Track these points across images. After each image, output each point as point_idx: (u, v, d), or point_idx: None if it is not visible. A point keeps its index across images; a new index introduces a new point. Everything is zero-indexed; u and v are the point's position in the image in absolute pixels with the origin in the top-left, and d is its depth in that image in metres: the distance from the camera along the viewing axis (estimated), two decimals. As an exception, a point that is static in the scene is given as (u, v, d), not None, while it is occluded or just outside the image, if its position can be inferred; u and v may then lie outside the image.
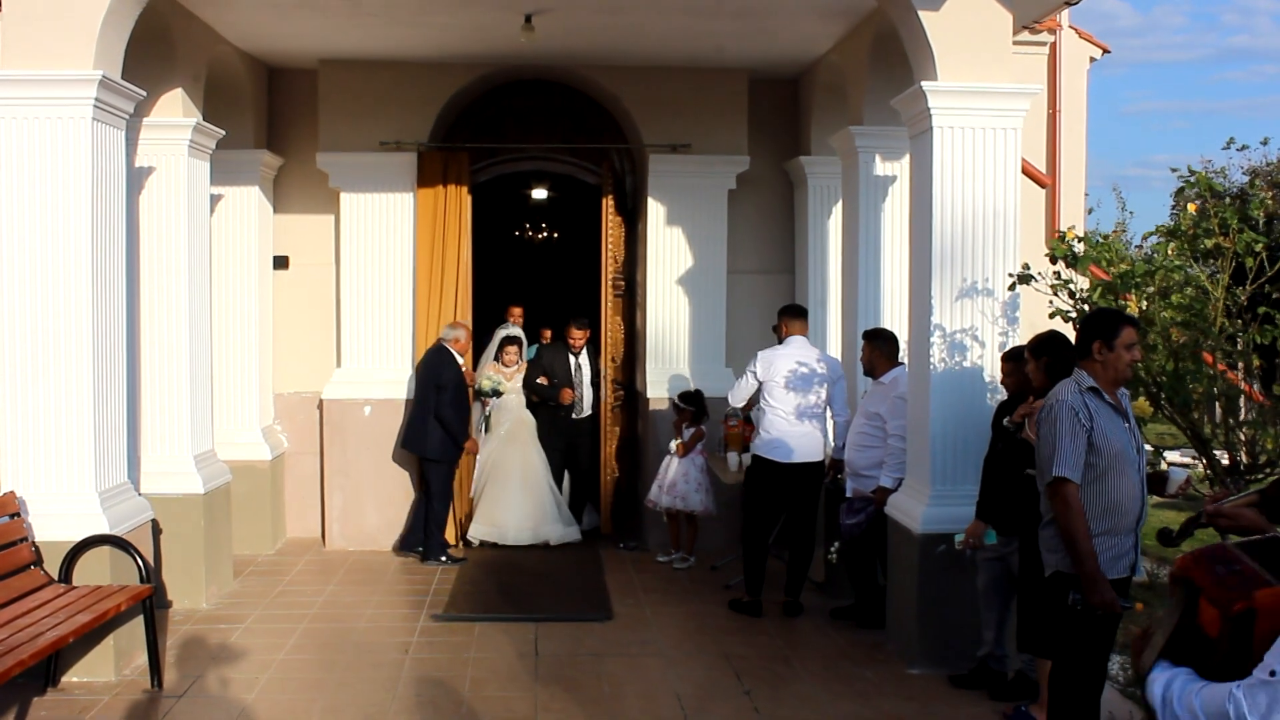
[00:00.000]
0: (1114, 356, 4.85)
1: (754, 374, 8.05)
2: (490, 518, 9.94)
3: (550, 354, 10.58)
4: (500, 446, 10.18)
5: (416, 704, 6.25)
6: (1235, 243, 5.67)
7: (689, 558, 9.47)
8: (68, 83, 6.41)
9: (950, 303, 6.83)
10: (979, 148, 6.83)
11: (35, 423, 6.50)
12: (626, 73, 9.99)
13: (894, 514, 7.19)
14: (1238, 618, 2.47)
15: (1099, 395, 4.85)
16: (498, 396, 10.29)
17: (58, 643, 5.57)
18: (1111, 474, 4.82)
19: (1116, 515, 4.85)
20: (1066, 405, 4.81)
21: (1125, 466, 4.84)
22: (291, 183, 10.21)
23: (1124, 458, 4.84)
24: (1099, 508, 4.83)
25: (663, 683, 6.62)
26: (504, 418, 10.31)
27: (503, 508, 9.95)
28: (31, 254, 6.47)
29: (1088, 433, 4.78)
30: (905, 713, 6.17)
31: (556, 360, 10.45)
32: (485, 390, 10.25)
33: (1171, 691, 2.51)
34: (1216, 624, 2.53)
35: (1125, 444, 4.86)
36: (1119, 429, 4.87)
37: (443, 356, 9.49)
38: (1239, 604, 2.47)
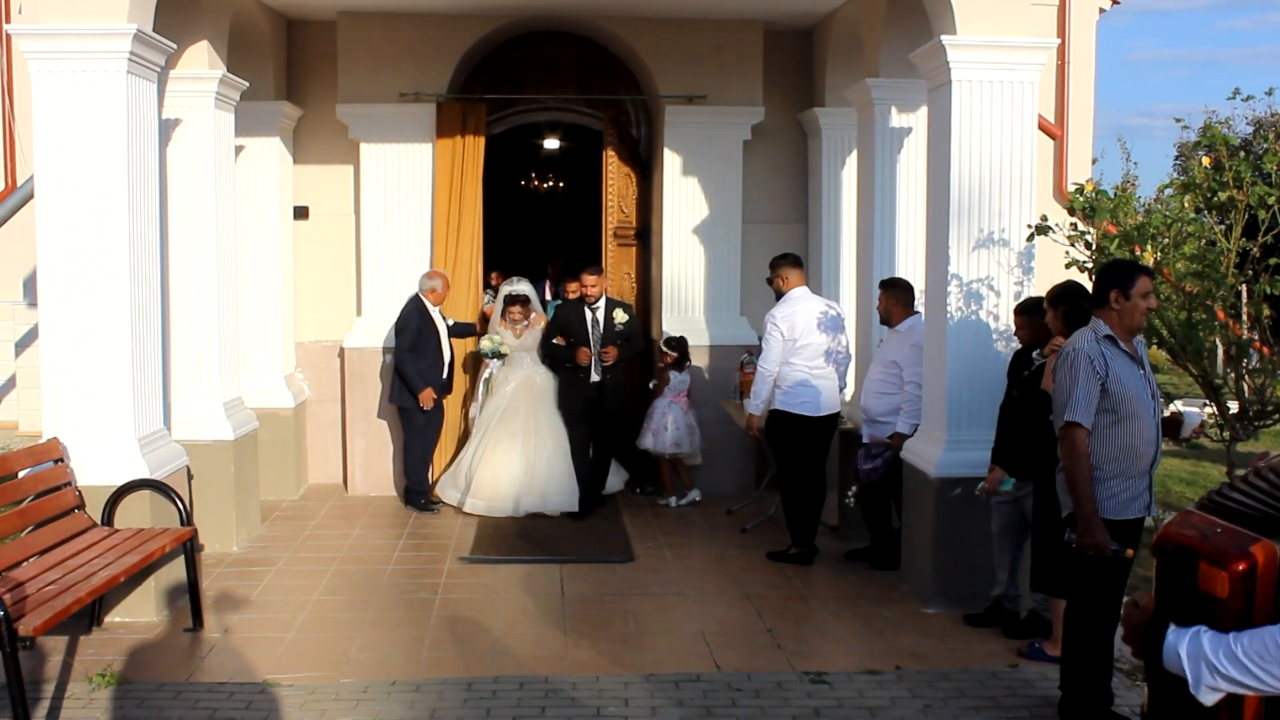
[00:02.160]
0: (1130, 305, 5.02)
1: (780, 334, 7.97)
2: (488, 489, 9.29)
3: (566, 310, 9.73)
4: (503, 410, 9.59)
5: (451, 640, 6.47)
6: (1249, 195, 5.81)
7: (687, 493, 9.85)
8: (103, 35, 6.52)
9: (967, 253, 6.97)
10: (997, 101, 6.95)
11: (76, 371, 6.67)
12: (642, 24, 10.08)
13: (910, 459, 7.39)
14: (1244, 574, 2.60)
15: (1115, 343, 5.04)
16: (499, 359, 9.78)
17: (110, 582, 5.77)
18: (1127, 419, 5.01)
19: (1131, 459, 5.04)
20: (1082, 353, 5.00)
21: (1141, 412, 5.03)
22: (311, 133, 10.32)
23: (1139, 403, 5.03)
24: (1115, 451, 5.03)
25: (686, 621, 6.85)
26: (509, 377, 9.75)
27: (503, 478, 9.30)
28: (70, 206, 6.61)
29: (1102, 380, 4.98)
30: (923, 649, 6.38)
31: (573, 317, 9.57)
32: (485, 351, 9.75)
33: (1201, 647, 2.55)
34: (1224, 584, 2.62)
35: (1140, 390, 5.04)
36: (1134, 376, 5.05)
37: (412, 305, 9.48)
38: (1241, 562, 2.61)
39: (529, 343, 9.73)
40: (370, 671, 5.98)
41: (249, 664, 6.09)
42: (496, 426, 9.48)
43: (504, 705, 5.51)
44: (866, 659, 6.21)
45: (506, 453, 9.34)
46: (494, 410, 9.59)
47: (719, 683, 5.84)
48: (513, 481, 9.27)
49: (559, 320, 9.62)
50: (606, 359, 9.33)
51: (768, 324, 8.08)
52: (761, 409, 8.12)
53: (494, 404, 9.63)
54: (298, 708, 5.49)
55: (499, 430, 9.46)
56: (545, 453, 9.40)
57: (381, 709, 5.48)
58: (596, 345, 9.37)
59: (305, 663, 6.11)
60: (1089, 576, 5.15)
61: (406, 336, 9.30)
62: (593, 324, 9.44)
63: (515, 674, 5.92)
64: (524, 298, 9.87)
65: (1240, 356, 6.01)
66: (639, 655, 6.26)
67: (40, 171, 6.64)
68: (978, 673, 6.02)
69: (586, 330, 9.41)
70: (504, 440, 9.40)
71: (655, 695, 5.66)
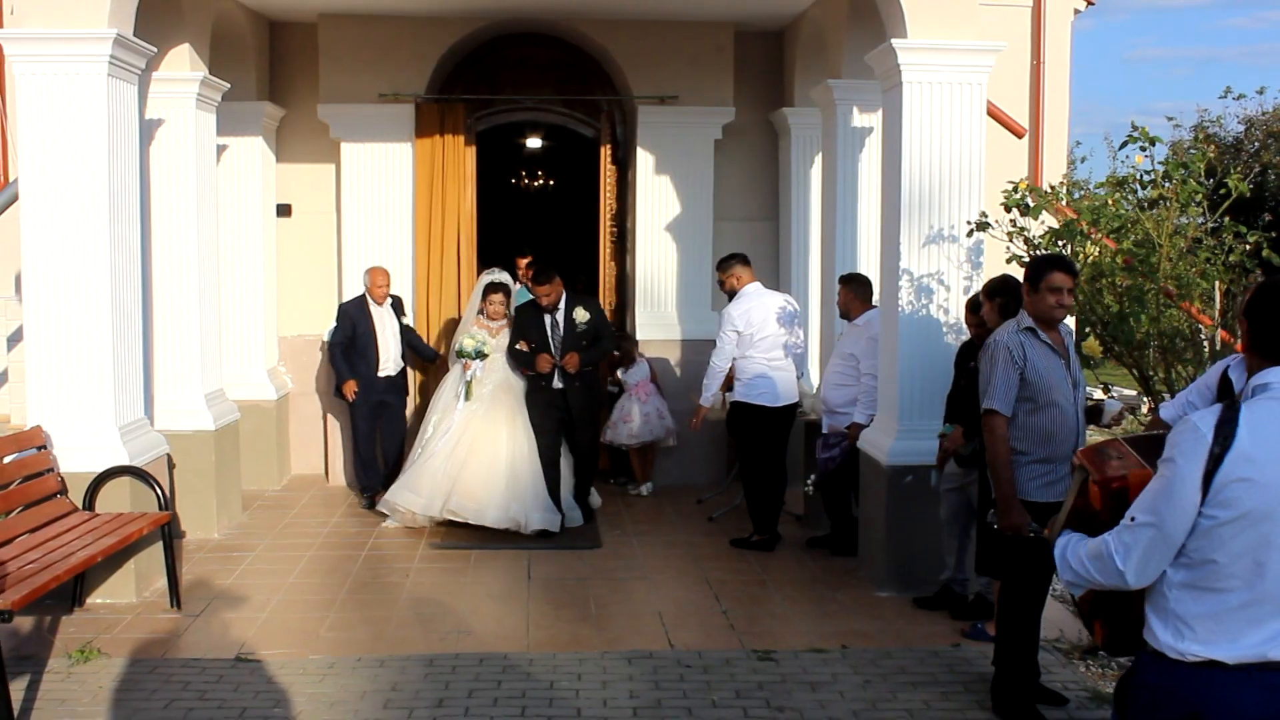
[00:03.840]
0: (1038, 298, 5.32)
1: (736, 331, 8.22)
2: (471, 494, 8.55)
3: (522, 314, 9.06)
4: (482, 416, 8.85)
5: (416, 619, 6.75)
6: (1179, 192, 6.08)
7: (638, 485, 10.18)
8: (84, 40, 6.78)
9: (918, 249, 7.24)
10: (946, 102, 7.21)
11: (59, 361, 6.94)
12: (616, 26, 10.34)
13: (865, 448, 7.65)
14: (1116, 491, 3.07)
15: (1035, 334, 5.31)
16: (482, 359, 9.01)
17: (87, 561, 6.04)
18: (1046, 407, 5.30)
19: (1052, 444, 5.32)
20: (1002, 344, 5.31)
21: (1059, 400, 5.31)
22: (293, 133, 10.59)
23: (1057, 392, 5.30)
24: (1035, 437, 5.31)
25: (646, 602, 7.12)
26: (486, 380, 9.01)
27: (483, 486, 8.58)
28: (53, 203, 6.87)
29: (1020, 370, 5.26)
30: (870, 630, 6.65)
31: (530, 321, 8.91)
32: (468, 352, 8.99)
33: (1066, 549, 3.13)
34: (1099, 498, 3.14)
35: (1059, 380, 5.31)
36: (1054, 366, 5.31)
37: (353, 300, 9.60)
38: (1116, 481, 3.09)
39: (504, 342, 9.14)
40: (338, 649, 6.25)
41: (223, 642, 6.36)
42: (475, 431, 8.77)
43: (462, 679, 5.78)
44: (815, 638, 6.48)
45: (491, 461, 8.67)
46: (471, 414, 8.85)
47: (670, 659, 6.11)
48: (495, 490, 8.56)
49: (517, 324, 9.05)
50: (568, 367, 8.73)
51: (723, 321, 8.33)
52: (710, 401, 8.45)
53: (470, 408, 8.89)
54: (266, 681, 5.76)
55: (480, 436, 8.75)
56: (525, 463, 8.73)
57: (346, 682, 5.75)
58: (557, 350, 8.80)
59: (277, 641, 6.38)
60: (1016, 557, 5.41)
61: (339, 331, 9.48)
62: (551, 327, 8.85)
63: (476, 651, 6.19)
64: (505, 286, 9.37)
65: (1170, 347, 6.27)
66: (597, 634, 6.53)
67: (24, 171, 6.91)
68: (920, 651, 6.29)
69: (545, 334, 8.84)
70: (485, 447, 8.72)
71: (608, 671, 5.93)
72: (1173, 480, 2.86)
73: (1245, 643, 2.84)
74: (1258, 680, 2.85)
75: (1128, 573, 2.92)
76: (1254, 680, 2.85)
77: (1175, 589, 2.90)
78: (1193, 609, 2.88)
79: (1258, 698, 2.85)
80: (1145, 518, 2.90)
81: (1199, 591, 2.87)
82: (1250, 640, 2.84)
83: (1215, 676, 2.86)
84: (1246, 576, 2.83)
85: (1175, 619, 2.91)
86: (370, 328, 9.45)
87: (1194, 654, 2.88)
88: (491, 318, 9.25)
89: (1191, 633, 2.88)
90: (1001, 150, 11.05)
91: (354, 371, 9.42)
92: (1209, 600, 2.86)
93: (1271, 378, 2.91)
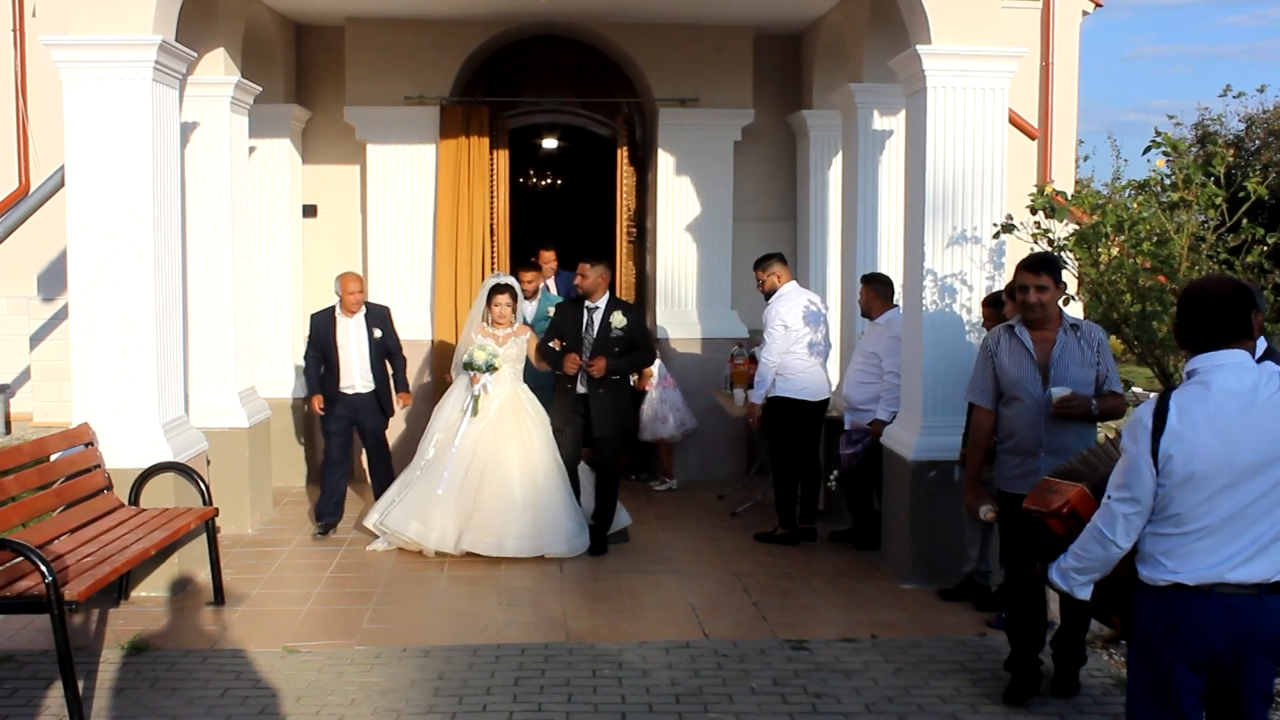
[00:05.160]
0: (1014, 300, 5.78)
1: (785, 326, 8.34)
2: (488, 526, 8.02)
3: (563, 309, 8.63)
4: (490, 435, 8.26)
5: (454, 612, 6.93)
6: (1199, 196, 6.25)
7: (665, 480, 10.41)
8: (131, 46, 6.96)
9: (941, 250, 7.41)
10: (969, 107, 7.38)
11: (105, 360, 7.11)
12: (637, 30, 10.52)
13: (889, 444, 7.83)
14: (1067, 514, 3.91)
15: (1012, 332, 5.66)
16: (492, 372, 8.35)
17: (142, 554, 6.21)
18: (1011, 402, 5.64)
19: (1015, 437, 5.63)
20: (984, 340, 5.84)
21: (1022, 396, 5.58)
22: (320, 135, 10.78)
23: (1020, 389, 5.58)
24: (1004, 429, 5.72)
25: (678, 595, 7.30)
26: (494, 394, 8.41)
27: (501, 515, 8.05)
28: (99, 204, 7.04)
29: (992, 365, 5.67)
30: (898, 621, 6.83)
31: (568, 316, 8.47)
32: (479, 365, 8.31)
33: (1062, 564, 3.89)
34: (1058, 525, 3.97)
35: (1024, 377, 5.58)
36: (1021, 363, 5.60)
37: (326, 308, 8.94)
38: (1065, 507, 3.93)
39: (513, 354, 8.51)
40: (382, 640, 6.42)
41: (268, 633, 6.53)
42: (486, 453, 8.19)
43: (506, 668, 5.95)
44: (845, 629, 6.66)
45: (505, 484, 8.13)
46: (479, 434, 8.25)
47: (706, 649, 6.29)
48: (514, 519, 8.05)
49: (555, 320, 8.58)
50: (592, 371, 8.21)
51: (771, 319, 8.42)
52: (762, 398, 8.48)
53: (476, 425, 8.28)
54: (316, 670, 5.93)
55: (491, 458, 8.18)
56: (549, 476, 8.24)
57: (394, 671, 5.92)
58: (588, 352, 8.29)
59: (321, 632, 6.56)
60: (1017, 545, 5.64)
61: (309, 342, 8.88)
62: (587, 326, 8.35)
63: (517, 642, 6.37)
64: (512, 289, 8.69)
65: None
66: (633, 625, 6.71)
67: (71, 172, 7.08)
68: (948, 641, 6.47)
69: (580, 332, 8.36)
70: (498, 469, 8.16)
71: (647, 660, 6.11)
72: (1129, 462, 3.64)
73: (1201, 566, 3.56)
74: (1217, 601, 3.57)
75: (1117, 538, 3.67)
76: (1214, 600, 3.57)
77: (1148, 536, 3.67)
78: (1161, 546, 3.63)
79: (1218, 615, 3.57)
80: (1118, 494, 3.67)
81: (1166, 534, 3.62)
82: (1205, 564, 3.56)
83: (1181, 596, 3.60)
84: (1201, 518, 3.56)
85: (1149, 557, 3.67)
86: (333, 340, 8.74)
87: (1163, 579, 3.63)
88: (497, 323, 8.52)
89: (1160, 565, 3.63)
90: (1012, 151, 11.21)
91: (323, 387, 8.82)
92: (1174, 539, 3.61)
93: (1196, 365, 3.65)
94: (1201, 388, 3.58)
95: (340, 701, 5.56)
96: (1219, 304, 3.63)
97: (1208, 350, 3.63)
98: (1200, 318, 3.64)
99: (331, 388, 8.78)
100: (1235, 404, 3.55)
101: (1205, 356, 3.62)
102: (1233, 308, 3.62)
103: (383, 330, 8.84)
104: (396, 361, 8.98)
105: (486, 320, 8.59)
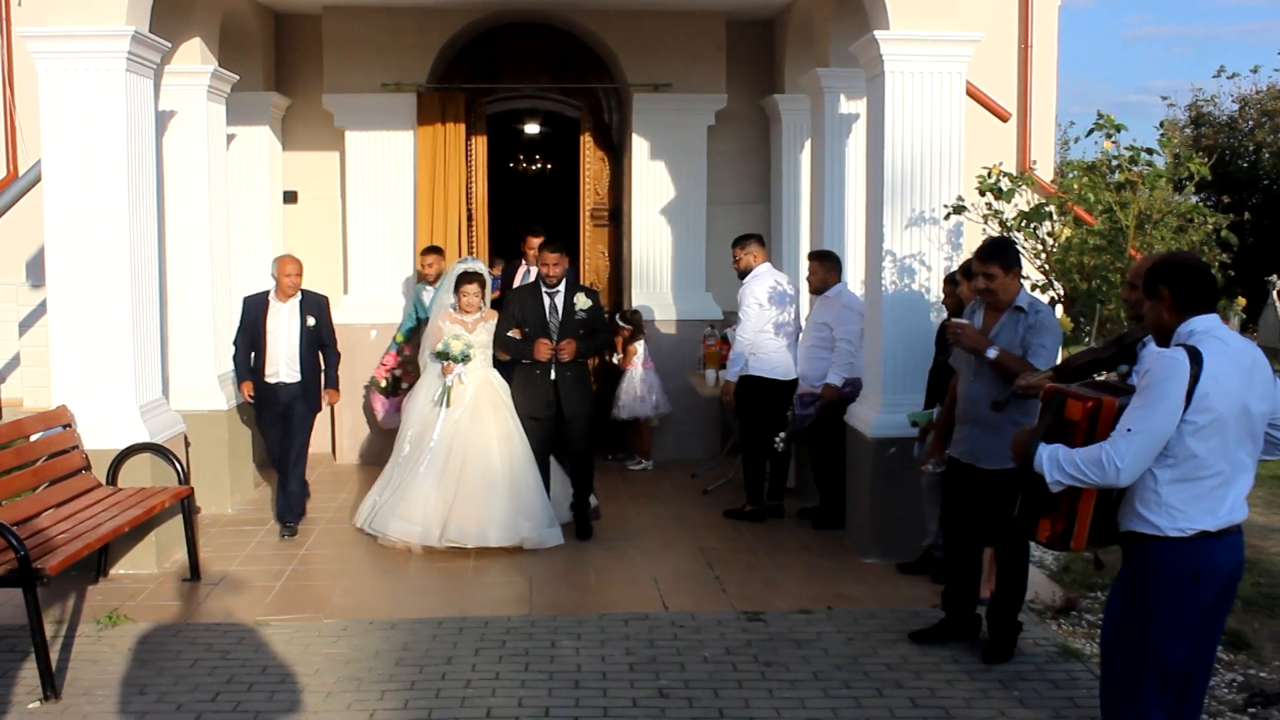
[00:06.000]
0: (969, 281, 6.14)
1: (759, 305, 8.52)
2: (470, 517, 7.84)
3: (520, 296, 8.43)
4: (468, 424, 8.09)
5: (424, 588, 7.13)
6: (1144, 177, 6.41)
7: (641, 460, 10.60)
8: (104, 37, 7.12)
9: (900, 231, 7.57)
10: (927, 90, 7.53)
11: (82, 343, 7.28)
12: (611, 16, 10.67)
13: (851, 421, 8.00)
14: (1093, 408, 3.98)
15: (974, 312, 6.03)
16: (466, 361, 8.18)
17: (115, 531, 6.40)
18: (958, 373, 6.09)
19: (957, 406, 6.05)
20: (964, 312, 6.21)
21: (959, 368, 6.06)
22: (299, 122, 10.95)
23: (958, 361, 6.06)
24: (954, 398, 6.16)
25: (643, 569, 7.49)
26: (468, 383, 8.24)
27: (482, 505, 7.88)
28: (74, 192, 7.21)
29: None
30: (855, 593, 7.01)
31: (528, 303, 8.26)
32: (455, 355, 8.14)
33: (1057, 456, 3.96)
34: (1080, 412, 4.02)
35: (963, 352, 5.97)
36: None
37: (259, 292, 8.54)
38: (1091, 401, 4.01)
39: (483, 339, 8.31)
40: (350, 613, 6.62)
41: (241, 608, 6.73)
42: (464, 443, 8.04)
43: (469, 640, 6.15)
44: (802, 601, 6.85)
45: (486, 474, 7.99)
46: (455, 424, 8.09)
47: (664, 621, 6.48)
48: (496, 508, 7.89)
49: (512, 308, 8.30)
50: (563, 355, 8.12)
51: (746, 297, 8.58)
52: (736, 375, 8.66)
53: (453, 416, 8.12)
54: (285, 642, 6.13)
55: (470, 447, 8.03)
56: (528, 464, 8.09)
57: (360, 643, 6.12)
58: (555, 336, 8.15)
59: (292, 606, 6.76)
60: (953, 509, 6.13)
61: (239, 326, 8.47)
62: (550, 310, 8.20)
63: (482, 615, 6.56)
64: (480, 276, 8.47)
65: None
66: (595, 599, 6.91)
67: (47, 162, 7.24)
68: (901, 612, 6.65)
69: (544, 317, 8.20)
70: (477, 459, 8.00)
71: (605, 632, 6.30)
72: (1162, 396, 3.77)
73: (1220, 513, 3.85)
74: (1226, 541, 3.88)
75: (1124, 471, 3.79)
76: (1225, 541, 3.88)
77: (1165, 485, 3.85)
78: (1182, 495, 3.84)
79: (1228, 554, 3.90)
80: (1141, 425, 3.78)
81: (1186, 483, 3.83)
82: (1223, 510, 3.86)
83: (1206, 543, 3.86)
84: (1218, 463, 3.82)
85: (1168, 508, 3.86)
86: (262, 324, 8.27)
87: (1191, 529, 3.85)
88: (465, 311, 8.33)
89: (1184, 515, 3.84)
90: (989, 133, 11.39)
91: (253, 375, 8.36)
92: (1194, 487, 3.83)
93: (1197, 325, 3.90)
94: (1218, 341, 3.85)
95: (305, 671, 5.75)
96: (1207, 270, 4.03)
97: (1205, 312, 3.92)
98: (1200, 282, 3.94)
99: (258, 378, 8.32)
100: (1246, 357, 3.90)
101: (1205, 318, 3.91)
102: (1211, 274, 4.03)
103: (317, 319, 8.33)
104: (329, 355, 8.48)
105: (454, 307, 8.40)
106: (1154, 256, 4.35)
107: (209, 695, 5.47)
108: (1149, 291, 4.05)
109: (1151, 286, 4.02)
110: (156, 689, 5.55)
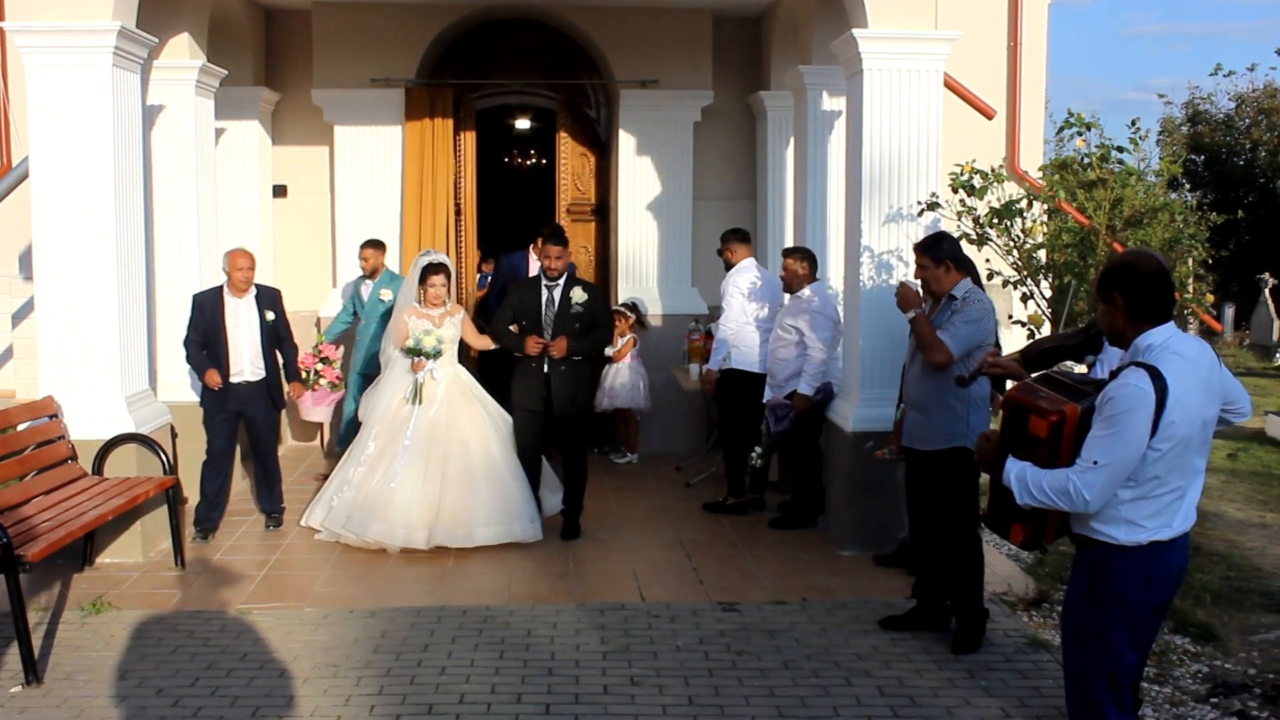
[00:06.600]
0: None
1: (742, 297, 8.67)
2: (457, 518, 7.72)
3: (520, 289, 8.30)
4: (444, 421, 7.95)
5: (405, 577, 7.23)
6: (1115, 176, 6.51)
7: (626, 453, 10.69)
8: (90, 32, 7.20)
9: (878, 227, 7.66)
10: (904, 88, 7.61)
11: (68, 335, 7.37)
12: (599, 12, 10.77)
13: (831, 416, 8.10)
14: (1055, 424, 3.86)
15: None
16: (438, 357, 8.03)
17: (99, 520, 6.51)
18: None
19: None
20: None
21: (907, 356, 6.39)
22: (288, 117, 11.04)
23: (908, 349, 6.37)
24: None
25: (622, 561, 7.58)
26: (439, 378, 8.07)
27: (467, 505, 7.76)
28: (61, 187, 7.30)
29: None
30: (831, 585, 7.11)
31: (527, 296, 8.12)
32: (427, 351, 7.96)
33: (1025, 476, 3.89)
34: (1044, 428, 3.91)
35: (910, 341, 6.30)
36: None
37: (213, 288, 8.25)
38: (1054, 416, 3.86)
39: (451, 334, 8.15)
40: (331, 602, 6.72)
41: (224, 596, 6.83)
42: (442, 441, 7.89)
43: (446, 628, 6.25)
44: (777, 592, 6.94)
45: (467, 471, 7.87)
46: (430, 421, 7.94)
47: (640, 611, 6.58)
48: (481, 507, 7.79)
49: (511, 301, 8.21)
50: (554, 352, 7.94)
51: (729, 288, 8.73)
52: (718, 365, 8.77)
53: (426, 413, 7.95)
54: (265, 630, 6.23)
55: (449, 445, 7.90)
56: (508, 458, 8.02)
57: (339, 631, 6.21)
58: (549, 330, 8.02)
59: (274, 595, 6.86)
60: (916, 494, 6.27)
61: (191, 325, 8.09)
62: (547, 304, 8.04)
63: (460, 604, 6.66)
64: (446, 268, 8.24)
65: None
66: (573, 588, 7.01)
67: (34, 156, 7.33)
68: (874, 603, 6.74)
69: (540, 311, 8.05)
70: (458, 457, 7.88)
71: (581, 621, 6.40)
72: (1128, 426, 3.67)
73: (1175, 524, 3.86)
74: (1177, 544, 3.90)
75: (1092, 502, 3.75)
76: (1175, 544, 3.89)
77: (1126, 503, 3.81)
78: (1142, 511, 3.82)
79: (1177, 556, 3.92)
80: (1106, 458, 3.70)
81: (1145, 500, 3.80)
82: (1178, 519, 3.87)
83: (1157, 550, 3.85)
84: (1177, 478, 3.81)
85: (1126, 522, 3.83)
86: (220, 322, 8.01)
87: (1147, 539, 3.85)
88: (431, 304, 8.13)
89: (1142, 528, 3.83)
90: (976, 131, 11.47)
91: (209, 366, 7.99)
92: (1153, 503, 3.81)
93: (1154, 338, 3.79)
94: (1178, 357, 3.73)
95: (284, 658, 5.85)
96: (1165, 277, 3.84)
97: (1161, 322, 3.79)
98: (1155, 291, 3.79)
99: (194, 365, 8.11)
100: (1204, 367, 3.83)
101: (1162, 329, 3.78)
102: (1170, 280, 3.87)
103: (275, 313, 8.21)
104: (286, 348, 8.34)
105: (419, 301, 8.19)
106: (1115, 257, 4.16)
107: (189, 680, 5.57)
108: (1103, 296, 3.93)
109: (1105, 291, 3.90)
110: (138, 674, 5.65)
